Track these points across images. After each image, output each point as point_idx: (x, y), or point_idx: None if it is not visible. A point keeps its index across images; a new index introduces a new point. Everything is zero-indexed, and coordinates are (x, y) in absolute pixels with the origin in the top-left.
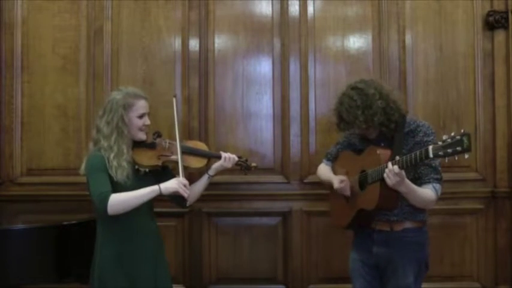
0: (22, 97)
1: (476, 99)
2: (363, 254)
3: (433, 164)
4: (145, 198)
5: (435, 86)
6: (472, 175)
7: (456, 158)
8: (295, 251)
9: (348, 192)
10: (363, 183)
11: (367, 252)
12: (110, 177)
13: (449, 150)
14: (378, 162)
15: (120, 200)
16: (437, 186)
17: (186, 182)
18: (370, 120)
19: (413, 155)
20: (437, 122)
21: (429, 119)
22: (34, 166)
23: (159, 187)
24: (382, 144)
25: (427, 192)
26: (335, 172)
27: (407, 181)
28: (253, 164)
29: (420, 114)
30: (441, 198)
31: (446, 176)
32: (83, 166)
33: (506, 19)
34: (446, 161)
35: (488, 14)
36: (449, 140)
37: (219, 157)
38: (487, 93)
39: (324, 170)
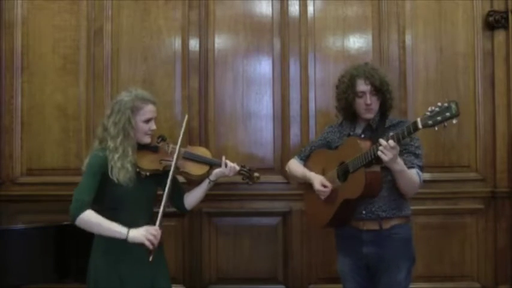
0: (22, 97)
1: (476, 99)
2: (353, 256)
3: (417, 152)
4: (110, 234)
5: (435, 86)
6: (472, 175)
7: (445, 125)
8: (295, 251)
9: (324, 197)
10: (343, 174)
11: (357, 253)
12: (110, 179)
13: (439, 118)
14: (358, 151)
15: (88, 220)
16: (420, 173)
17: (156, 232)
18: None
19: (404, 130)
20: None
21: None
22: (34, 166)
23: (127, 233)
24: (363, 136)
25: (414, 175)
26: (309, 170)
27: (399, 159)
28: (256, 174)
29: (420, 114)
30: (441, 198)
31: (446, 176)
32: (85, 162)
33: (506, 19)
34: (436, 129)
35: (488, 14)
36: (436, 109)
37: (220, 165)
38: (487, 93)
39: (298, 166)
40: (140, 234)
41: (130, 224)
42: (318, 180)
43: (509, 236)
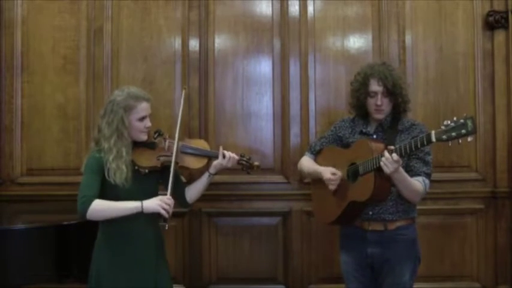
0: (22, 97)
1: (476, 99)
2: (357, 256)
3: (426, 159)
4: (126, 213)
5: (435, 86)
6: (472, 175)
7: (460, 142)
8: (295, 251)
9: (334, 187)
10: (353, 175)
11: (361, 253)
12: (108, 180)
13: (454, 134)
14: (370, 154)
15: (100, 208)
16: (427, 181)
17: (170, 201)
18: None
19: (413, 142)
20: (437, 122)
21: (429, 119)
22: (34, 166)
23: (142, 205)
24: (375, 137)
25: (417, 183)
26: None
27: (401, 168)
28: (256, 163)
29: (420, 114)
30: (441, 198)
31: (446, 176)
32: (83, 163)
33: (506, 19)
34: (450, 144)
35: (488, 14)
36: (452, 124)
37: (218, 156)
38: (487, 93)
39: (309, 163)
40: (154, 203)
41: (132, 223)
42: (327, 170)
43: (509, 236)
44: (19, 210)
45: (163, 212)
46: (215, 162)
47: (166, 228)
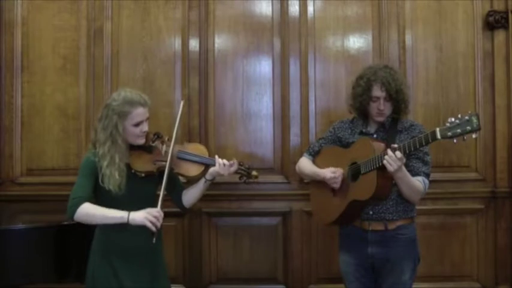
0: (22, 97)
1: (476, 99)
2: (357, 256)
3: (425, 159)
4: (111, 221)
5: (435, 86)
6: (472, 175)
7: (465, 138)
8: (295, 251)
9: (338, 185)
10: (354, 174)
11: (362, 254)
12: (102, 186)
13: (459, 130)
14: (372, 153)
15: (86, 212)
16: (426, 181)
17: (158, 214)
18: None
19: (417, 139)
20: (437, 122)
21: (429, 119)
22: (34, 166)
23: (128, 216)
24: (375, 136)
25: (417, 182)
26: (318, 167)
27: (403, 167)
28: (254, 173)
29: (420, 114)
30: (441, 198)
31: (446, 176)
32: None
33: (506, 19)
34: (455, 141)
35: (488, 14)
36: (457, 121)
37: (215, 164)
38: (487, 93)
39: (307, 164)
40: (141, 215)
41: (127, 225)
42: (327, 170)
43: (509, 236)
44: (19, 210)
45: (149, 225)
46: (211, 169)
47: (154, 241)
